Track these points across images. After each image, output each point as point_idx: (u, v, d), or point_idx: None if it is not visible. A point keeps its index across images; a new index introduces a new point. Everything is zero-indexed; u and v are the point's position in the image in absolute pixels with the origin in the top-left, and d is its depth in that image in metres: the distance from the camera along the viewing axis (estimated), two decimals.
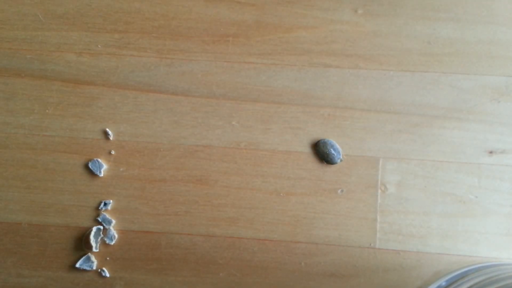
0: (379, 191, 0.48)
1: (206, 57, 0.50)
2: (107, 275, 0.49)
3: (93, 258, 0.49)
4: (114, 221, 0.49)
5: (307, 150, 0.49)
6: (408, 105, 0.49)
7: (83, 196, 0.50)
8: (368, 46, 0.50)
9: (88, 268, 0.49)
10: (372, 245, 0.48)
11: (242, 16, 0.51)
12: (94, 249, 0.49)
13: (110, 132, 0.50)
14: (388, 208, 0.48)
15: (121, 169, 0.50)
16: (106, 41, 0.51)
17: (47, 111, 0.50)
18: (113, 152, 0.50)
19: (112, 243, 0.49)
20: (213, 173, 0.49)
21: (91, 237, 0.48)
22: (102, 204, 0.49)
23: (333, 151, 0.48)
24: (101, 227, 0.49)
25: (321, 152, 0.48)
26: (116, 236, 0.49)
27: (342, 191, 0.49)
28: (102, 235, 0.49)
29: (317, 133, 0.49)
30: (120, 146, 0.50)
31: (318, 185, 0.49)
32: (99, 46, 0.51)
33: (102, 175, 0.49)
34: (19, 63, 0.51)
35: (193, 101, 0.50)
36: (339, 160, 0.48)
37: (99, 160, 0.50)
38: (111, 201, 0.49)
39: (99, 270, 0.49)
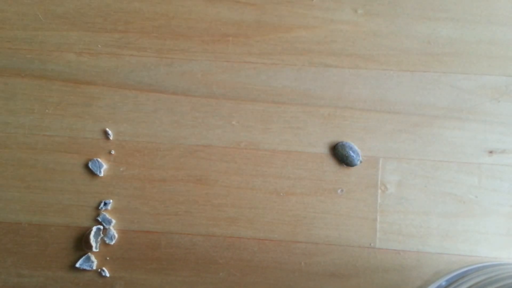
0: (379, 191, 0.48)
1: (206, 57, 0.50)
2: (107, 275, 0.49)
3: (93, 258, 0.49)
4: (114, 221, 0.49)
5: (307, 150, 0.49)
6: (408, 105, 0.49)
7: (83, 196, 0.50)
8: (368, 46, 0.50)
9: (88, 268, 0.49)
10: (372, 245, 0.48)
11: (242, 16, 0.51)
12: (94, 249, 0.49)
13: (110, 132, 0.50)
14: (388, 208, 0.48)
15: (121, 169, 0.50)
16: (106, 41, 0.51)
17: (47, 111, 0.50)
18: (113, 152, 0.50)
19: (112, 243, 0.49)
20: (213, 173, 0.49)
21: (91, 237, 0.48)
22: (102, 204, 0.49)
23: (352, 153, 0.48)
24: (101, 227, 0.49)
25: (340, 155, 0.48)
26: (116, 236, 0.49)
27: (342, 191, 0.49)
28: (102, 235, 0.49)
29: (317, 133, 0.49)
30: (120, 146, 0.50)
31: (318, 185, 0.49)
32: (99, 46, 0.51)
33: (102, 175, 0.49)
34: (19, 63, 0.51)
35: (193, 101, 0.50)
36: (358, 162, 0.48)
37: (99, 160, 0.50)
38: (111, 201, 0.49)
39: (99, 270, 0.49)
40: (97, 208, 0.49)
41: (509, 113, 0.48)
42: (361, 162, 0.48)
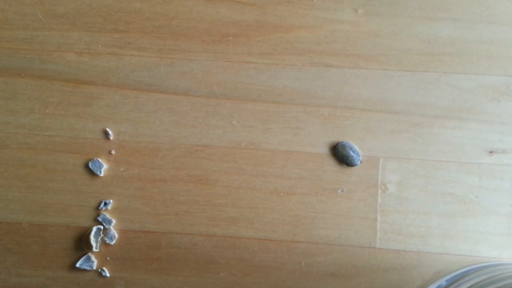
0: (379, 191, 0.48)
1: (207, 57, 0.50)
2: (107, 275, 0.49)
3: (93, 258, 0.49)
4: (114, 221, 0.49)
5: (307, 149, 0.49)
6: (408, 104, 0.49)
7: (83, 196, 0.50)
8: (368, 46, 0.50)
9: (88, 268, 0.49)
10: (372, 245, 0.48)
11: (242, 16, 0.51)
12: (94, 249, 0.49)
13: (110, 132, 0.50)
14: (389, 208, 0.48)
15: (122, 169, 0.50)
16: (106, 41, 0.51)
17: (47, 110, 0.50)
18: (113, 152, 0.50)
19: (112, 243, 0.49)
20: (214, 173, 0.49)
21: (91, 237, 0.48)
22: (102, 204, 0.49)
23: (352, 153, 0.48)
24: (101, 227, 0.49)
25: (340, 155, 0.48)
26: (116, 236, 0.49)
27: (342, 191, 0.49)
28: (102, 235, 0.49)
29: (317, 133, 0.49)
30: (120, 145, 0.50)
31: (318, 184, 0.49)
32: (99, 46, 0.51)
33: (102, 174, 0.49)
34: (19, 63, 0.51)
35: (194, 100, 0.50)
36: (359, 162, 0.48)
37: (99, 159, 0.50)
38: (111, 200, 0.49)
39: (99, 270, 0.49)
40: (97, 208, 0.49)
41: (509, 113, 0.49)
42: (361, 162, 0.48)
